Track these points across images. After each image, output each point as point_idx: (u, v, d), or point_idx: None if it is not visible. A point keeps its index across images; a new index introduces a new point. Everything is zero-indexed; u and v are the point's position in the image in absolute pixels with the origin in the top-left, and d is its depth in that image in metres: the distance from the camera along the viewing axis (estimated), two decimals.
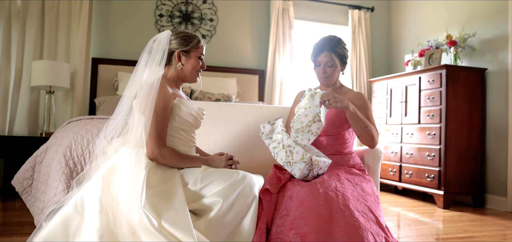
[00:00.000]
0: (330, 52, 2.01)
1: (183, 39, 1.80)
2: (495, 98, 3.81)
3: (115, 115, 1.75)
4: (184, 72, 1.82)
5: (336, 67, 2.04)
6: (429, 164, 3.81)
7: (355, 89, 5.06)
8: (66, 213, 1.48)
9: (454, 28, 4.23)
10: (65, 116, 4.13)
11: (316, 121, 1.79)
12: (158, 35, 1.81)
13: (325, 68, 2.04)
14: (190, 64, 1.82)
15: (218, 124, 2.40)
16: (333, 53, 2.01)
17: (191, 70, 1.82)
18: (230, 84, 4.46)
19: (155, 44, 1.77)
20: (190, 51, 1.81)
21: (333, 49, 2.01)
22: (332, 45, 2.02)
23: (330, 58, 2.01)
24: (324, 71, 2.04)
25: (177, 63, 1.80)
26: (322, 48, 2.03)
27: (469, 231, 2.81)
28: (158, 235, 1.37)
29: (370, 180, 1.95)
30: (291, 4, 4.84)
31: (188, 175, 1.66)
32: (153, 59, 1.74)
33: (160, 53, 1.74)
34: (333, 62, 2.02)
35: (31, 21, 3.96)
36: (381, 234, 1.60)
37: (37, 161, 2.25)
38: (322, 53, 2.02)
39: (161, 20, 4.56)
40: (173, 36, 1.80)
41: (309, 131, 1.79)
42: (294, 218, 1.57)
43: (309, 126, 1.79)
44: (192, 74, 1.84)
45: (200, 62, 1.85)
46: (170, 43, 1.79)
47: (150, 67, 1.74)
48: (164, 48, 1.75)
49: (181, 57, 1.80)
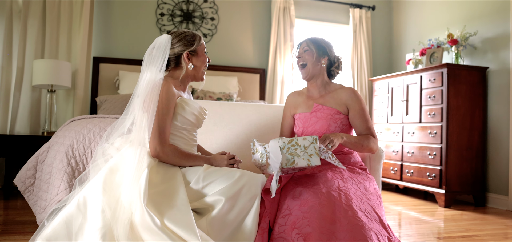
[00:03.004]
0: (308, 41, 2.07)
1: (187, 40, 1.81)
2: (496, 97, 3.80)
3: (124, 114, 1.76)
4: (196, 71, 1.85)
5: (312, 54, 2.04)
6: (430, 163, 3.81)
7: (356, 88, 5.05)
8: (69, 212, 1.49)
9: (456, 27, 4.22)
10: (67, 115, 4.14)
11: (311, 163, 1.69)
12: (156, 40, 1.79)
13: (300, 54, 2.07)
14: (200, 61, 1.85)
15: (220, 123, 2.40)
16: (310, 41, 2.07)
17: (201, 67, 1.86)
18: (231, 83, 4.46)
19: (155, 50, 1.76)
20: (197, 50, 1.84)
21: (310, 39, 2.08)
22: (310, 38, 2.09)
23: (307, 46, 2.06)
24: (300, 57, 2.07)
25: (188, 64, 1.81)
26: (300, 42, 2.11)
27: (471, 230, 2.81)
28: (161, 234, 1.38)
29: (372, 179, 1.95)
30: (292, 3, 4.83)
31: (190, 174, 1.67)
32: (155, 64, 1.74)
33: (161, 59, 1.74)
34: (309, 47, 2.05)
35: (33, 20, 3.97)
36: (384, 234, 1.60)
37: (39, 160, 2.25)
38: (301, 46, 2.09)
39: (162, 19, 4.56)
40: (175, 39, 1.80)
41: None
42: (296, 218, 1.57)
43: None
44: (202, 71, 1.88)
45: (206, 57, 1.89)
46: (173, 47, 1.79)
47: (152, 72, 1.74)
48: (165, 54, 1.76)
49: (191, 58, 1.81)
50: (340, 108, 2.03)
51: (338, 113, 2.02)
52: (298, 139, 1.67)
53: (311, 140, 1.66)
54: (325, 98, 2.07)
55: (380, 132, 4.60)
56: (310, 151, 1.65)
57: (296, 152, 1.66)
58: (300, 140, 1.67)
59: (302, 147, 1.66)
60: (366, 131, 2.01)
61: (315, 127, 2.02)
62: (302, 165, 1.65)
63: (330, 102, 2.05)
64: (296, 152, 1.66)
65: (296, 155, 1.65)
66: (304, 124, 2.07)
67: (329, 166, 1.90)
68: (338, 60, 2.12)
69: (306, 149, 1.65)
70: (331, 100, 2.06)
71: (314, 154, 1.65)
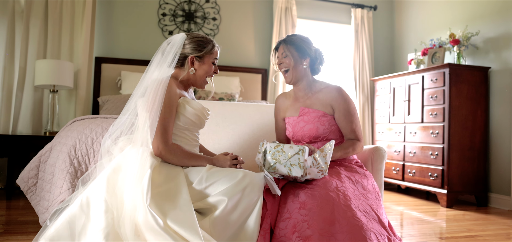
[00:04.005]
0: (283, 44, 2.01)
1: (197, 44, 1.81)
2: (498, 97, 3.80)
3: (122, 114, 1.76)
4: (196, 77, 1.84)
5: (291, 58, 1.98)
6: (432, 163, 3.81)
7: (357, 88, 5.05)
8: (72, 213, 1.49)
9: (457, 27, 4.22)
10: (69, 115, 4.14)
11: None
12: (172, 37, 1.82)
13: (280, 60, 2.02)
14: (203, 70, 1.83)
15: (222, 123, 2.40)
16: (287, 44, 2.00)
17: (202, 75, 1.84)
18: (233, 83, 4.46)
19: (169, 47, 1.78)
20: (204, 57, 1.82)
21: (285, 41, 2.02)
22: (285, 39, 2.03)
23: (283, 50, 2.01)
24: (280, 62, 2.03)
25: (190, 68, 1.81)
26: (276, 47, 2.05)
27: (473, 230, 2.80)
28: (163, 234, 1.38)
29: (370, 176, 1.94)
30: (294, 3, 4.83)
31: (192, 174, 1.67)
32: (165, 60, 1.75)
33: (172, 55, 1.75)
34: (287, 52, 1.99)
35: (35, 20, 3.97)
36: (383, 233, 1.60)
37: (41, 160, 2.26)
38: (278, 50, 2.03)
39: (164, 19, 4.56)
40: (188, 40, 1.81)
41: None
42: (296, 221, 1.56)
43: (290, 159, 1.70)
44: (202, 80, 1.85)
45: (213, 67, 1.86)
46: (185, 47, 1.80)
47: (161, 67, 1.75)
48: (177, 51, 1.76)
49: (194, 62, 1.81)
50: (325, 109, 2.00)
51: (324, 114, 1.99)
52: (284, 147, 1.68)
53: (296, 150, 1.65)
54: (311, 100, 2.04)
55: (382, 132, 4.60)
56: (293, 160, 1.65)
57: (279, 159, 1.68)
58: (286, 147, 1.68)
59: (286, 155, 1.67)
60: (351, 134, 1.98)
61: (303, 130, 2.02)
62: (283, 172, 1.67)
63: (316, 104, 2.02)
64: (279, 159, 1.68)
65: (278, 161, 1.68)
66: (294, 128, 2.06)
67: None
68: (319, 55, 2.05)
69: (290, 158, 1.66)
70: (316, 102, 2.02)
71: (296, 164, 1.64)
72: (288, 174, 1.66)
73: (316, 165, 1.65)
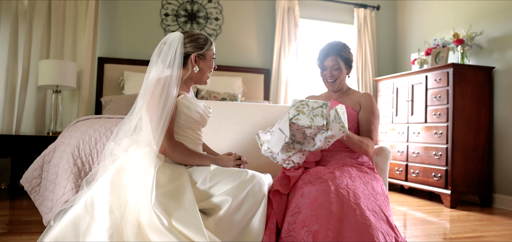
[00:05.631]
0: (336, 56, 2.10)
1: (197, 42, 1.80)
2: (502, 96, 3.78)
3: (129, 115, 1.77)
4: (200, 75, 1.85)
5: (342, 71, 2.12)
6: (436, 163, 3.79)
7: (361, 88, 5.05)
8: (76, 213, 1.49)
9: (461, 27, 4.20)
10: (72, 115, 4.15)
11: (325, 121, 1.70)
12: (168, 36, 1.80)
13: (331, 72, 2.13)
14: (207, 66, 1.85)
15: (225, 123, 2.40)
16: (339, 57, 2.10)
17: (206, 72, 1.86)
18: (235, 83, 4.46)
19: (165, 46, 1.76)
20: (205, 54, 1.83)
21: (338, 53, 2.10)
22: (338, 49, 2.11)
23: (336, 62, 2.10)
24: (331, 74, 2.13)
25: (194, 66, 1.80)
26: (328, 53, 2.12)
27: (477, 230, 2.79)
28: (168, 234, 1.38)
29: (380, 179, 1.96)
30: (296, 3, 4.82)
31: (196, 174, 1.66)
32: (163, 61, 1.74)
33: (171, 55, 1.74)
34: (339, 65, 2.11)
35: (38, 20, 3.98)
36: (391, 234, 1.60)
37: (45, 160, 2.26)
38: (328, 58, 2.11)
39: (167, 19, 4.56)
40: (187, 39, 1.80)
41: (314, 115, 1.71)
42: (306, 216, 1.57)
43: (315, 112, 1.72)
44: (206, 76, 1.87)
45: (213, 63, 1.88)
46: (185, 46, 1.79)
47: (158, 67, 1.74)
48: (175, 50, 1.75)
49: (197, 61, 1.81)
50: (354, 106, 2.14)
51: (352, 110, 2.12)
52: (309, 101, 1.72)
53: (320, 104, 1.69)
54: (343, 99, 2.19)
55: (385, 132, 4.59)
56: (316, 111, 1.68)
57: (303, 110, 1.70)
58: (311, 102, 1.72)
59: (310, 107, 1.69)
60: (367, 133, 2.08)
61: None
62: (305, 123, 1.67)
63: (347, 101, 2.16)
64: (303, 110, 1.70)
65: (301, 112, 1.69)
66: None
67: (336, 166, 1.91)
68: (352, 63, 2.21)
69: (313, 109, 1.68)
70: (347, 100, 2.17)
71: (319, 115, 1.66)
72: (310, 125, 1.67)
73: (338, 121, 1.67)
